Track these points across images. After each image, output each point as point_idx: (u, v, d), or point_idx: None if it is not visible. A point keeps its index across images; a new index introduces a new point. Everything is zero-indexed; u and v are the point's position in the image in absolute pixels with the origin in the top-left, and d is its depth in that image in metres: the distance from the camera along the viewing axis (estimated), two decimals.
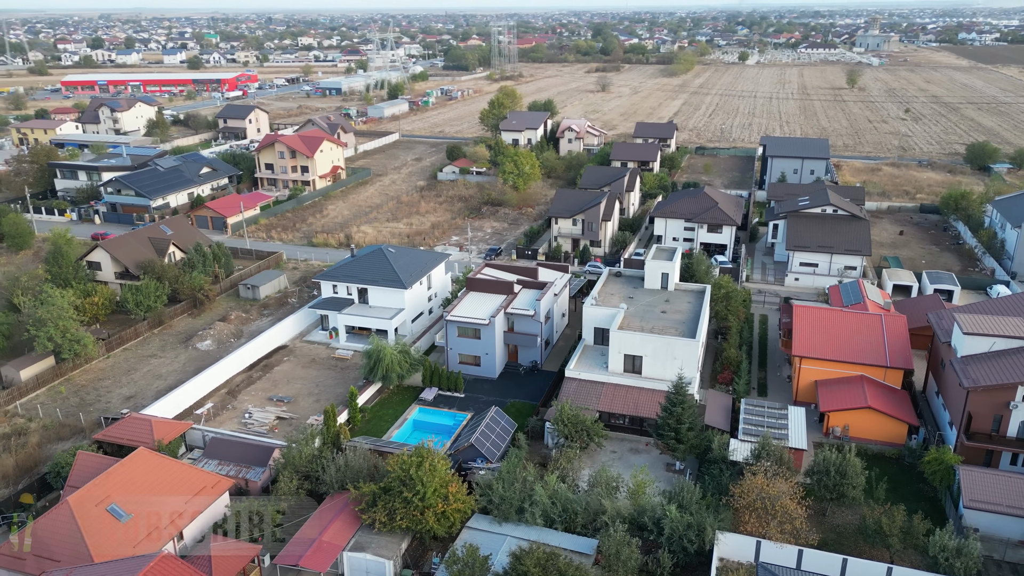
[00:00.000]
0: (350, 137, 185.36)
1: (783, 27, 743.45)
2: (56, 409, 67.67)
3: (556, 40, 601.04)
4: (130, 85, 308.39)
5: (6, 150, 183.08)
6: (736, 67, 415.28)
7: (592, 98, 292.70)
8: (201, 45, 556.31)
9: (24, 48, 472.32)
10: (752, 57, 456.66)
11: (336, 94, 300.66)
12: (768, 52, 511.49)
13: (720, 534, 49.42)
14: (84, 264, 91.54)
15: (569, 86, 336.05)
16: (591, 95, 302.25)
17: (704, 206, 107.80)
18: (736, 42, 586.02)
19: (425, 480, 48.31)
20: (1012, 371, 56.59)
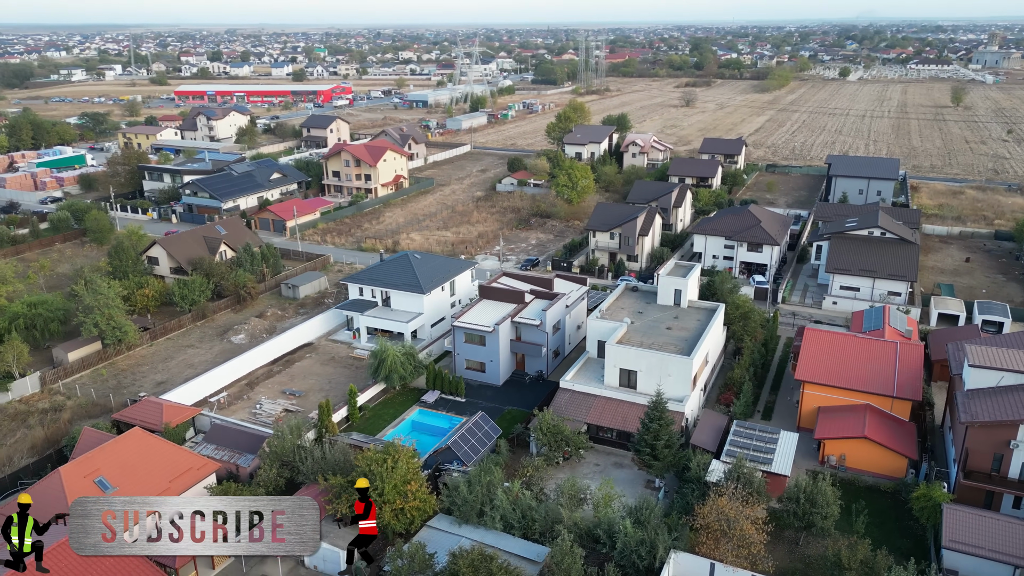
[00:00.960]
0: (421, 148, 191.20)
1: (896, 42, 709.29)
2: (92, 390, 74.05)
3: (651, 55, 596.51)
4: (235, 95, 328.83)
5: (111, 153, 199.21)
6: (835, 83, 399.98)
7: (674, 113, 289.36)
8: (309, 59, 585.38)
9: (147, 60, 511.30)
10: (854, 73, 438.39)
11: (422, 106, 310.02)
12: (874, 68, 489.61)
13: (674, 553, 48.88)
14: (144, 259, 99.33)
15: (654, 101, 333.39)
16: (674, 110, 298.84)
17: (746, 224, 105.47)
18: (841, 57, 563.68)
19: (384, 477, 50.30)
20: (1015, 408, 53.20)
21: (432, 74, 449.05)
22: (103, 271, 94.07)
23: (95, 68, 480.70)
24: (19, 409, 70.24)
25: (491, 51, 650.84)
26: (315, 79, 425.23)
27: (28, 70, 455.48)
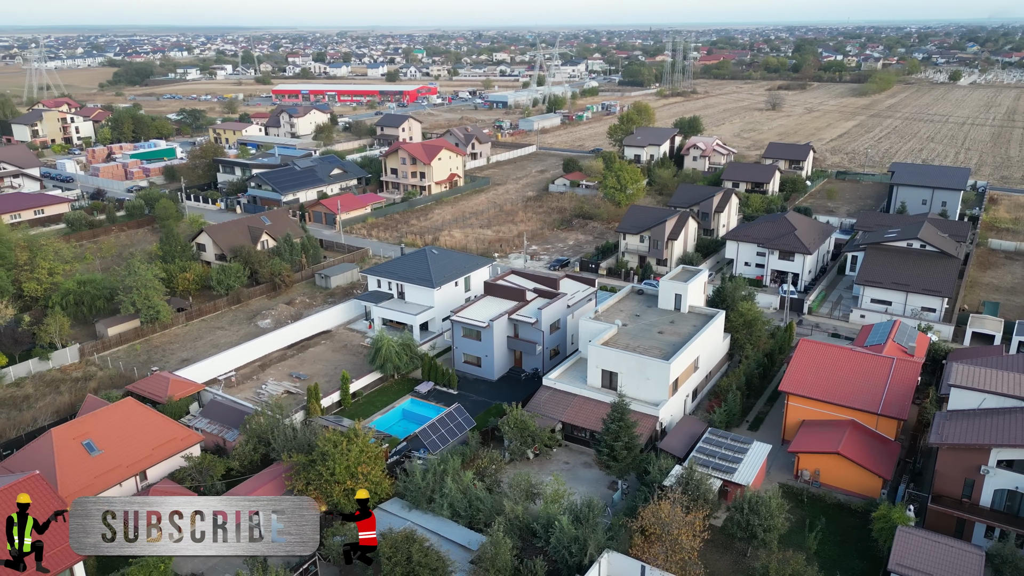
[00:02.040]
0: (485, 147, 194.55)
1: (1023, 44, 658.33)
2: (121, 363, 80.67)
3: (750, 56, 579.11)
4: (327, 94, 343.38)
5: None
6: (942, 88, 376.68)
7: (757, 116, 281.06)
8: (407, 60, 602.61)
9: (254, 60, 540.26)
10: (966, 77, 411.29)
11: (502, 107, 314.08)
12: (992, 71, 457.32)
13: (608, 553, 49.19)
14: (193, 245, 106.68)
15: (740, 104, 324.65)
16: (757, 113, 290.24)
17: (779, 231, 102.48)
18: (957, 60, 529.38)
19: (337, 458, 52.97)
20: (988, 431, 50.34)
21: (521, 75, 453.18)
22: (154, 255, 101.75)
23: (208, 68, 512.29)
24: (55, 376, 77.51)
25: (586, 52, 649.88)
26: (407, 80, 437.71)
27: (149, 68, 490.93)
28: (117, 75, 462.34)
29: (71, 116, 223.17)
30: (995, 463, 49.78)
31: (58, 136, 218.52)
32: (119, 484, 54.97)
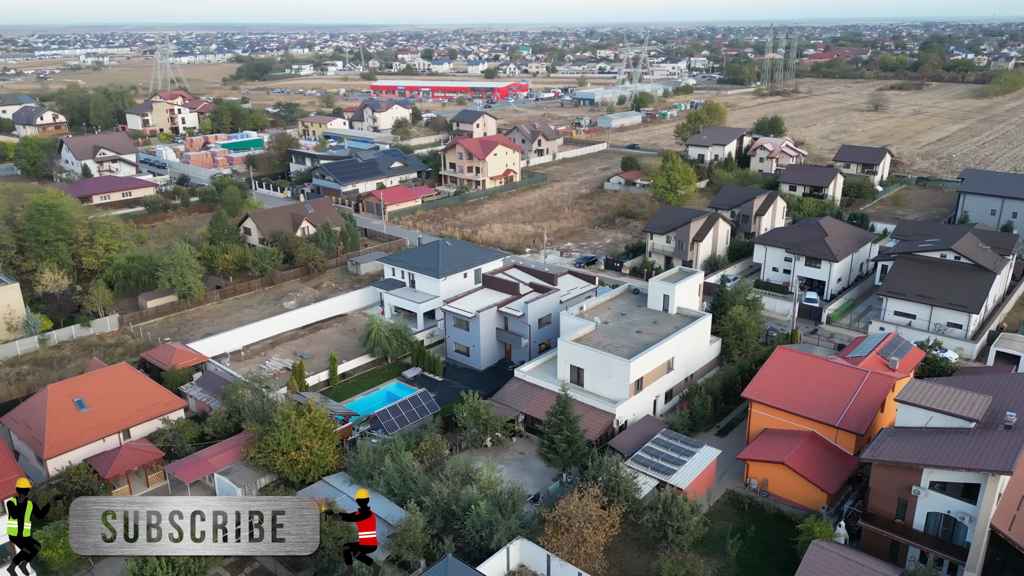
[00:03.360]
0: (552, 144, 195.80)
1: None
2: (150, 333, 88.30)
3: (872, 54, 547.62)
4: (421, 90, 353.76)
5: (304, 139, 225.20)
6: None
7: (854, 117, 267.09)
8: (511, 57, 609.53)
9: (361, 57, 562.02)
10: None
11: (588, 104, 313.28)
12: None
13: (519, 540, 50.44)
14: (241, 228, 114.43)
15: (841, 104, 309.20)
16: (856, 114, 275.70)
17: (808, 237, 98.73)
18: None
19: (283, 429, 56.76)
20: (922, 451, 47.90)
21: (619, 72, 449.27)
22: (203, 236, 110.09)
23: (321, 64, 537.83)
24: (92, 342, 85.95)
25: (695, 49, 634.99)
26: (504, 77, 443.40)
27: (268, 64, 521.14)
28: (240, 70, 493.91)
29: (178, 107, 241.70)
30: (928, 484, 47.31)
31: (166, 126, 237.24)
32: (103, 439, 61.02)
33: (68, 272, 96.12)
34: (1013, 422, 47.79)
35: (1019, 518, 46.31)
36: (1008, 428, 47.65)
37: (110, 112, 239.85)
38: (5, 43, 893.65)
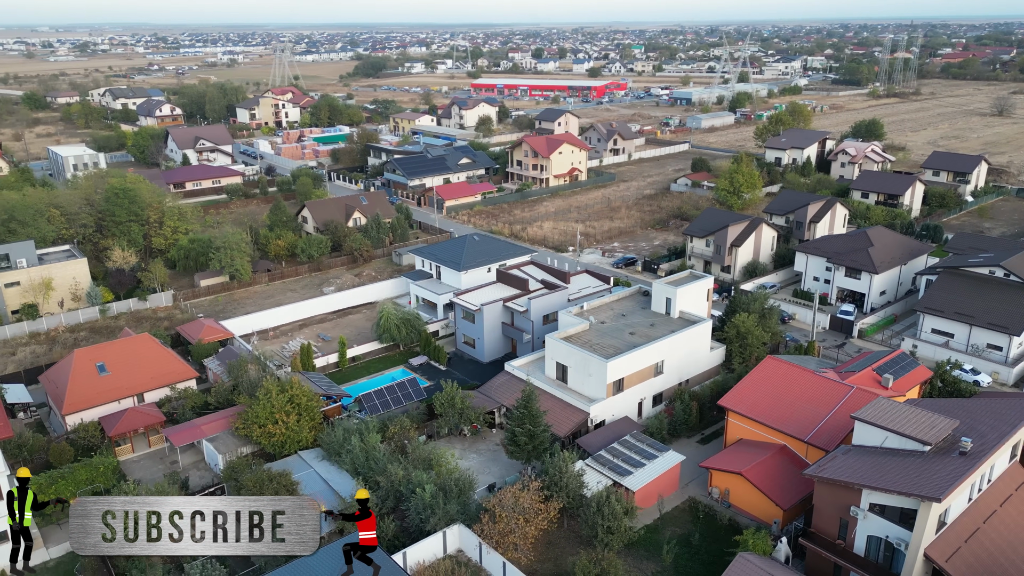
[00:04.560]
0: (629, 144, 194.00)
1: None
2: (197, 309, 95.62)
3: (1015, 54, 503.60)
4: (519, 89, 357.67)
5: (383, 134, 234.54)
6: None
7: (972, 123, 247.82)
8: (621, 56, 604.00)
9: (468, 56, 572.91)
10: None
11: (685, 103, 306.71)
12: None
13: (457, 526, 51.96)
14: (300, 217, 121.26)
15: (963, 107, 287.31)
16: (976, 119, 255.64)
17: (851, 246, 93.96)
18: None
19: (263, 402, 60.79)
20: (866, 471, 45.69)
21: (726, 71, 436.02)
22: (263, 223, 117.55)
23: (432, 62, 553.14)
24: (146, 315, 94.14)
25: (819, 47, 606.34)
26: (608, 75, 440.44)
27: (383, 63, 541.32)
28: (356, 68, 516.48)
29: (283, 103, 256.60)
30: (867, 506, 45.06)
31: (271, 119, 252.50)
32: (118, 401, 67.40)
33: (137, 251, 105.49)
34: (968, 448, 44.72)
35: (964, 552, 43.41)
36: (962, 455, 44.64)
37: (222, 106, 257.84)
38: (156, 41, 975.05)
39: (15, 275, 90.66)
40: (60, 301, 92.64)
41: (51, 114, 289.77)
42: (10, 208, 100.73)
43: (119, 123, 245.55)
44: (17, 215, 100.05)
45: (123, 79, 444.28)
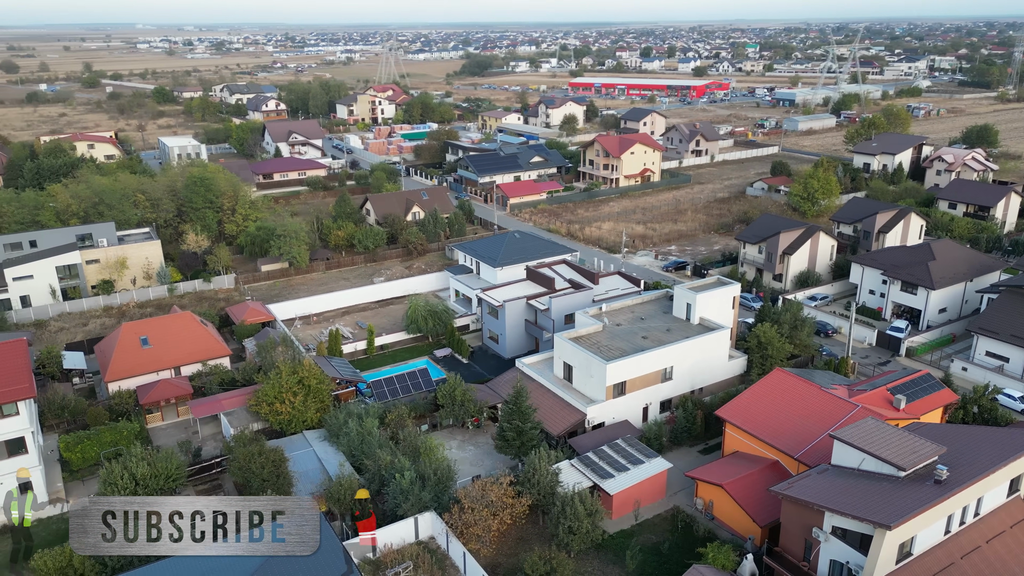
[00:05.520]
0: (713, 145, 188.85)
1: None
2: (254, 293, 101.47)
3: None
4: (617, 88, 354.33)
5: (470, 132, 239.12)
6: None
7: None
8: (733, 54, 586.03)
9: (572, 55, 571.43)
10: None
11: (788, 105, 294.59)
12: None
13: (429, 513, 53.29)
14: (362, 209, 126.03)
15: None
16: None
17: (911, 259, 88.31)
18: None
19: (272, 382, 64.26)
20: (829, 492, 43.54)
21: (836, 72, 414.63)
22: (328, 213, 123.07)
23: (536, 61, 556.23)
24: (208, 295, 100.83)
25: (955, 46, 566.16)
26: (715, 75, 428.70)
27: (489, 61, 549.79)
28: (464, 67, 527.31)
29: (379, 100, 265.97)
30: (830, 529, 42.95)
31: (367, 116, 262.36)
32: (156, 373, 72.97)
33: (211, 236, 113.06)
34: (943, 477, 41.80)
35: None
36: (937, 483, 41.78)
37: (324, 102, 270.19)
38: (285, 40, 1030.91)
39: (96, 253, 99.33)
40: (133, 279, 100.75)
41: (175, 107, 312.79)
42: (100, 192, 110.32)
43: (230, 117, 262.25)
44: (105, 198, 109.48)
45: (247, 76, 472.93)
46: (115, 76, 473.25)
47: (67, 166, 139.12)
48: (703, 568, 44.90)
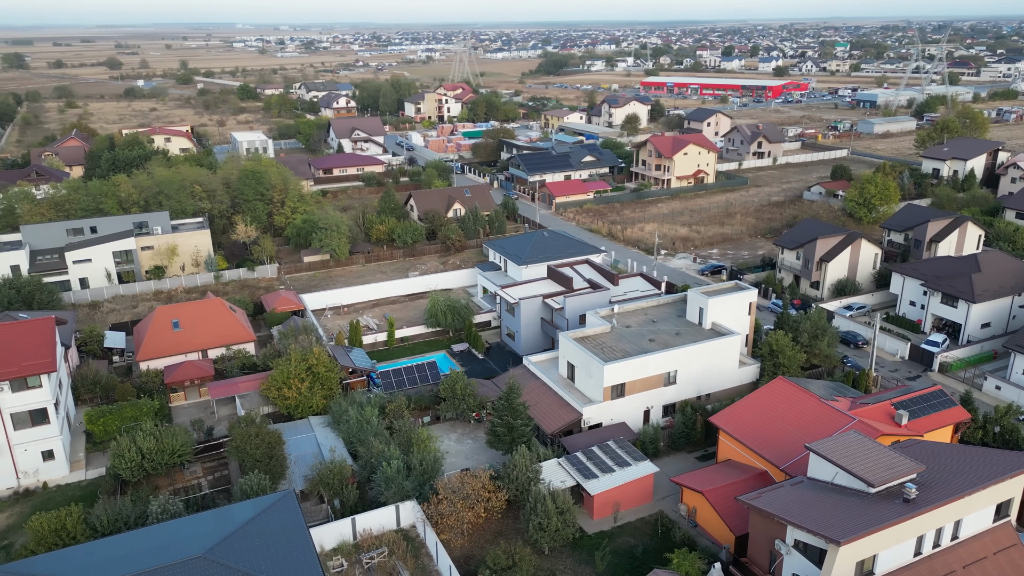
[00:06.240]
0: (776, 147, 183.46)
1: None
2: (293, 282, 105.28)
3: None
4: (690, 87, 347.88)
5: (532, 131, 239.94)
6: None
7: None
8: (820, 54, 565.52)
9: (647, 55, 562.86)
10: None
11: (869, 106, 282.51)
12: None
13: (411, 502, 54.58)
14: (406, 205, 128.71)
15: None
16: None
17: (954, 270, 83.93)
18: None
19: (281, 367, 66.88)
20: (793, 505, 42.35)
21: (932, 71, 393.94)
22: (375, 208, 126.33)
23: (612, 60, 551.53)
24: (251, 283, 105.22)
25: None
26: (798, 74, 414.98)
27: (565, 60, 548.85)
28: (539, 66, 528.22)
29: (445, 98, 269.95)
30: (792, 542, 41.79)
31: (434, 114, 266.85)
32: (184, 355, 77.01)
33: (260, 227, 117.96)
34: (912, 496, 40.06)
35: None
36: (906, 502, 40.08)
37: (393, 100, 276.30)
38: (371, 39, 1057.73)
39: (150, 240, 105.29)
40: (182, 266, 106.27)
41: (255, 104, 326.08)
42: (161, 183, 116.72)
43: (304, 113, 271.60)
44: (164, 189, 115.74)
45: (328, 74, 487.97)
46: (207, 74, 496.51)
47: (140, 158, 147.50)
48: (662, 572, 44.38)
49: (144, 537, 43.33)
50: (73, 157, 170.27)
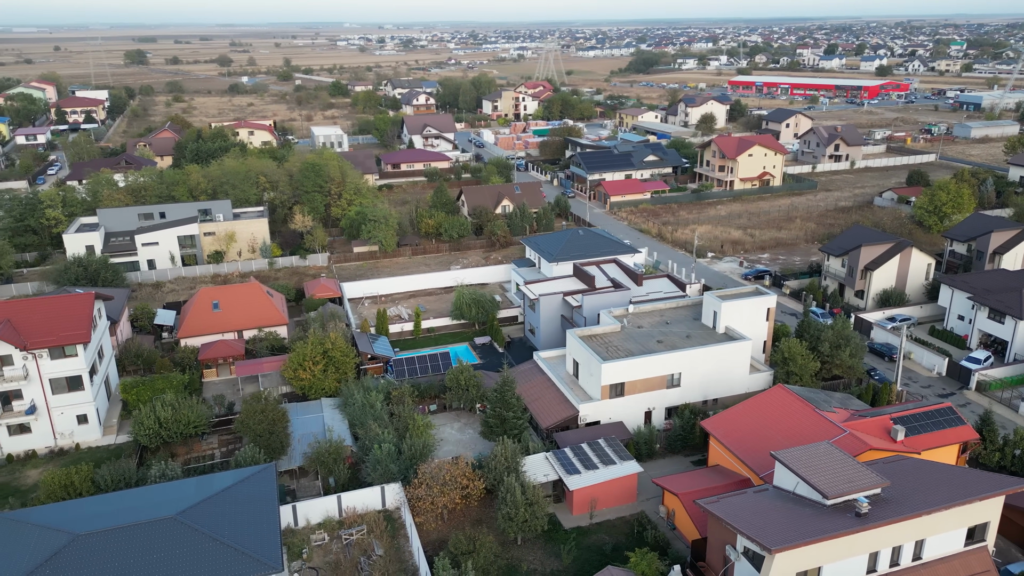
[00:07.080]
0: (855, 150, 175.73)
1: None
2: (340, 271, 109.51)
3: None
4: (780, 87, 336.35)
5: (604, 130, 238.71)
6: None
7: None
8: (932, 52, 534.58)
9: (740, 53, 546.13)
10: None
11: (973, 109, 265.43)
12: None
13: (396, 484, 56.57)
14: (458, 200, 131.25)
15: None
16: None
17: (1005, 284, 78.92)
18: None
19: (298, 350, 70.25)
20: (747, 514, 41.63)
21: None
22: (427, 203, 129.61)
23: (704, 59, 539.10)
24: (302, 270, 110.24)
25: None
26: (902, 74, 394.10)
27: (656, 58, 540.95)
28: (630, 64, 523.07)
29: (522, 96, 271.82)
30: (742, 549, 41.12)
31: (510, 111, 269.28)
32: (221, 334, 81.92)
33: (317, 217, 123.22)
34: (864, 510, 38.71)
35: None
36: (858, 516, 38.79)
37: (472, 98, 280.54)
38: (467, 37, 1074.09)
39: (212, 226, 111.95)
40: (239, 251, 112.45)
41: (344, 100, 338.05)
42: (228, 173, 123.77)
43: (387, 109, 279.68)
44: (231, 179, 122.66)
45: (421, 72, 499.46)
46: (306, 71, 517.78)
47: (220, 149, 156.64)
48: (615, 570, 44.47)
49: (131, 497, 47.02)
50: (164, 148, 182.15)
